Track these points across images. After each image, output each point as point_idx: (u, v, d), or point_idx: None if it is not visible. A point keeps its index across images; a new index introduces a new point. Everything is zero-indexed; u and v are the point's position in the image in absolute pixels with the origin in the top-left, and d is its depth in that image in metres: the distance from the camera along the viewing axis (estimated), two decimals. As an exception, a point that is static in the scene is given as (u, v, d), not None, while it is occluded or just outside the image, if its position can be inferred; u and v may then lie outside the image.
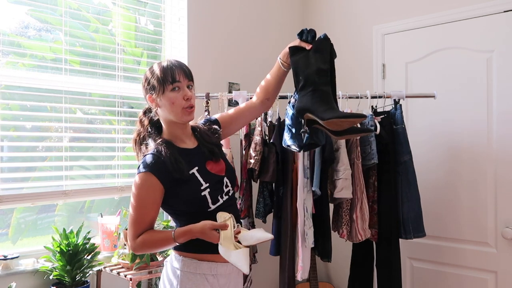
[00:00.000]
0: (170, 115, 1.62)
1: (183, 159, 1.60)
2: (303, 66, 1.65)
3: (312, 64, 1.63)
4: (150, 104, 1.67)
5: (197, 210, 1.60)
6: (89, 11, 2.59)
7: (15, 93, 2.29)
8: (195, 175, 1.61)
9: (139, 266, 2.26)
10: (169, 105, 1.60)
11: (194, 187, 1.59)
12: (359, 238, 2.37)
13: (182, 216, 1.64)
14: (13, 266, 2.16)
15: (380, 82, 3.10)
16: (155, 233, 1.58)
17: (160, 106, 1.63)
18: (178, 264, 1.62)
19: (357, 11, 3.26)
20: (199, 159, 1.66)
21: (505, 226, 2.56)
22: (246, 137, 2.47)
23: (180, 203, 1.60)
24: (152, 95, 1.63)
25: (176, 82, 1.59)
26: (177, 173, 1.56)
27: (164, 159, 1.56)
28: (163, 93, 1.60)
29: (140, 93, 1.73)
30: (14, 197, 2.20)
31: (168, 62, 1.64)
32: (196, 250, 1.60)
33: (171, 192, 1.58)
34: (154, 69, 1.64)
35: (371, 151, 2.37)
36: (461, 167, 2.74)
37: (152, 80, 1.62)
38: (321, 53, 1.64)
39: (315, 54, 1.64)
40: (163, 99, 1.60)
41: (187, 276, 1.59)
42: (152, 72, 1.64)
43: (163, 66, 1.62)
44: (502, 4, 2.58)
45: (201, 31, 2.91)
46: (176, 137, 1.67)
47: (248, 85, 3.07)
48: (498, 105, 2.60)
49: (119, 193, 2.57)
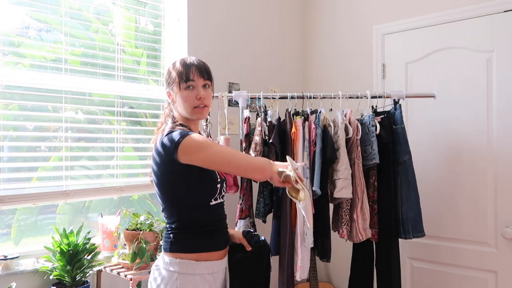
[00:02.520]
0: (183, 112, 1.67)
1: None
2: (240, 273, 1.71)
3: (247, 274, 1.71)
4: (168, 98, 1.73)
5: (205, 200, 1.62)
6: (89, 11, 2.59)
7: (15, 93, 2.29)
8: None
9: (139, 266, 2.26)
10: (182, 103, 1.65)
11: (214, 176, 1.64)
12: (360, 238, 2.37)
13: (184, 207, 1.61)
14: (13, 266, 2.16)
15: (380, 82, 3.10)
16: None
17: (175, 102, 1.68)
18: (174, 268, 1.58)
19: (357, 11, 3.26)
20: None
21: (505, 226, 2.56)
22: (246, 137, 2.47)
23: (195, 188, 1.60)
24: (170, 90, 1.70)
25: (189, 81, 1.64)
26: None
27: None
28: (179, 90, 1.65)
29: (140, 93, 1.76)
30: (15, 197, 2.21)
31: (187, 60, 1.68)
32: (193, 250, 1.59)
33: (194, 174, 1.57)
34: (174, 65, 1.70)
35: (372, 151, 2.37)
36: (461, 167, 2.74)
37: (171, 76, 1.68)
38: (259, 260, 1.73)
39: (253, 259, 1.73)
40: (178, 96, 1.66)
41: (186, 278, 1.57)
42: (172, 68, 1.70)
43: (181, 64, 1.67)
44: (502, 4, 2.58)
45: (201, 31, 2.91)
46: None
47: (248, 85, 3.07)
48: (498, 105, 2.60)
49: (119, 193, 2.58)
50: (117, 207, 2.67)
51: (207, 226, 1.63)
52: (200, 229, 1.62)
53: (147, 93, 2.75)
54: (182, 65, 1.66)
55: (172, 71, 1.69)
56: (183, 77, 1.64)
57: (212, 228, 1.65)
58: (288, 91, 2.69)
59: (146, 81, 2.81)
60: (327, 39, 3.43)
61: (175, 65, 1.69)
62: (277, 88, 3.31)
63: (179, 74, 1.65)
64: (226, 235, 1.72)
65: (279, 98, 2.49)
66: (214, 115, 2.48)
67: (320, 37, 3.48)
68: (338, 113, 2.42)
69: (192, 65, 1.66)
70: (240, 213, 2.41)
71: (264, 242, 1.75)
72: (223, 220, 1.72)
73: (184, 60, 1.68)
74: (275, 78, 3.37)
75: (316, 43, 3.51)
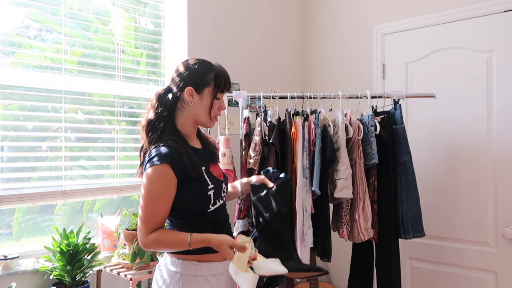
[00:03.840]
0: (199, 116, 1.63)
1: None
2: (264, 208, 1.68)
3: (272, 207, 1.67)
4: (187, 96, 1.60)
5: (199, 209, 1.59)
6: (89, 11, 2.59)
7: (15, 93, 2.30)
8: (203, 174, 1.60)
9: (139, 266, 2.26)
10: (204, 108, 1.61)
11: (203, 186, 1.59)
12: (362, 238, 2.37)
13: (180, 213, 1.60)
14: (13, 266, 2.17)
15: (380, 82, 3.10)
16: (169, 233, 1.53)
17: (195, 103, 1.60)
18: (177, 268, 1.58)
19: (357, 11, 3.26)
20: (205, 160, 1.68)
21: (505, 226, 2.56)
22: (245, 137, 2.46)
23: (185, 200, 1.57)
24: (194, 89, 1.60)
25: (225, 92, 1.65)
26: (194, 171, 1.54)
27: (180, 153, 1.53)
28: (209, 96, 1.61)
29: (139, 94, 1.73)
30: (14, 197, 2.21)
31: (223, 68, 1.67)
32: (196, 251, 1.56)
33: (181, 187, 1.55)
34: (207, 67, 1.62)
35: (372, 151, 2.37)
36: (461, 167, 2.74)
37: (205, 77, 1.60)
38: (282, 195, 1.69)
39: (276, 195, 1.69)
40: (203, 99, 1.61)
41: (188, 279, 1.57)
42: (204, 68, 1.62)
43: (221, 71, 1.64)
44: (502, 4, 2.58)
45: (201, 31, 2.91)
46: (187, 136, 1.65)
47: (248, 85, 3.07)
48: (498, 104, 2.60)
49: (119, 193, 2.58)
50: (117, 207, 2.67)
51: (208, 229, 1.60)
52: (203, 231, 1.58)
53: (147, 93, 2.75)
54: (222, 73, 1.64)
55: (206, 72, 1.61)
56: (223, 87, 1.63)
57: (214, 230, 1.61)
58: (288, 91, 2.69)
59: (146, 81, 2.81)
60: (327, 39, 3.43)
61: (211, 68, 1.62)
62: (277, 88, 3.31)
63: (220, 81, 1.62)
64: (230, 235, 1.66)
65: (279, 98, 2.49)
66: (214, 115, 2.48)
67: (320, 37, 3.48)
68: (338, 113, 2.42)
69: (229, 77, 1.67)
70: (239, 213, 2.41)
71: (286, 178, 1.73)
72: (225, 221, 1.71)
73: (222, 68, 1.66)
74: (275, 78, 3.37)
75: (316, 43, 3.51)
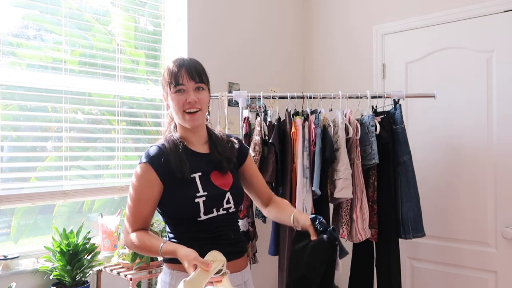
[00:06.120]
0: (175, 118, 1.58)
1: (188, 160, 1.53)
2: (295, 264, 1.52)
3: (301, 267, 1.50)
4: (164, 101, 1.62)
5: (187, 216, 1.52)
6: (89, 12, 2.59)
7: (15, 93, 2.30)
8: (195, 180, 1.53)
9: (139, 266, 2.26)
10: (173, 107, 1.55)
11: (190, 191, 1.51)
12: (359, 238, 2.37)
13: (172, 219, 1.57)
14: (13, 266, 2.16)
15: (380, 82, 3.09)
16: (146, 238, 1.48)
17: (169, 106, 1.58)
18: (167, 278, 1.53)
19: (357, 11, 3.26)
20: (206, 166, 1.58)
21: (505, 226, 2.56)
22: (245, 137, 2.46)
23: (172, 204, 1.53)
24: (164, 93, 1.60)
25: (179, 85, 1.52)
26: (179, 172, 1.50)
27: (169, 153, 1.51)
28: (170, 94, 1.55)
29: (139, 93, 1.72)
30: (14, 197, 2.21)
31: (178, 61, 1.56)
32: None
33: (167, 190, 1.52)
34: (168, 66, 1.59)
35: (372, 151, 2.37)
36: (461, 167, 2.73)
37: (164, 78, 1.58)
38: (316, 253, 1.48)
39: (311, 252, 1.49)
40: (169, 99, 1.56)
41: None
42: (165, 69, 1.59)
43: (172, 66, 1.55)
44: (502, 4, 2.58)
45: (201, 31, 2.91)
46: (185, 139, 1.60)
47: (248, 85, 3.07)
48: (498, 104, 2.60)
49: (119, 193, 2.58)
50: (117, 207, 2.67)
51: (202, 238, 1.52)
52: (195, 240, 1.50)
53: (147, 93, 2.76)
54: (173, 67, 1.54)
55: (165, 72, 1.58)
56: (173, 80, 1.52)
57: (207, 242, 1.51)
58: (288, 91, 2.69)
59: (145, 81, 2.81)
60: (327, 39, 3.43)
61: (168, 66, 1.57)
62: (277, 88, 3.31)
63: (169, 77, 1.54)
64: (229, 247, 1.54)
65: (279, 98, 2.49)
66: (214, 115, 2.48)
67: (320, 37, 3.48)
68: (338, 113, 2.42)
69: (183, 66, 1.53)
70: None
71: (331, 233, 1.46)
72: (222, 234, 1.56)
73: (175, 61, 1.56)
74: (275, 78, 3.36)
75: (316, 43, 3.51)
